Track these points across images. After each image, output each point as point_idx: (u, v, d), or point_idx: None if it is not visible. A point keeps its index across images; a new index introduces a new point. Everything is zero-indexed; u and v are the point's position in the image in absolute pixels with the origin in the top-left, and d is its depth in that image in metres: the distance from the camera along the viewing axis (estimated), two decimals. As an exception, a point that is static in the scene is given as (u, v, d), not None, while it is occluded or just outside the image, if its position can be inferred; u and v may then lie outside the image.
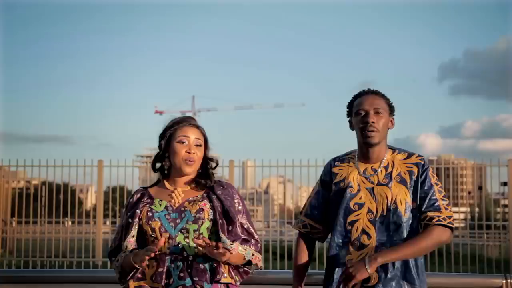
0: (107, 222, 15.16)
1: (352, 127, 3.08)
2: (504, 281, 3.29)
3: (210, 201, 2.91)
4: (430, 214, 2.89)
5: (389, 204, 2.91)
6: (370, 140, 2.96)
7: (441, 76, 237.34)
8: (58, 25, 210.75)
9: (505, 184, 13.23)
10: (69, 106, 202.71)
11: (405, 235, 2.89)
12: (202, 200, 2.91)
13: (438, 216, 2.87)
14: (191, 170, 2.94)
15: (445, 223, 2.86)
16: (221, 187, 2.96)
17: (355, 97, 3.08)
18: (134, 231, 2.89)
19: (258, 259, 2.93)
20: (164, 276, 2.79)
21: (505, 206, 14.30)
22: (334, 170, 3.08)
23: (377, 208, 2.93)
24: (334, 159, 3.13)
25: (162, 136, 2.99)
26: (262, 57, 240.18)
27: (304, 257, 3.13)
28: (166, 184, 2.99)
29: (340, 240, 2.96)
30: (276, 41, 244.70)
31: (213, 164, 3.03)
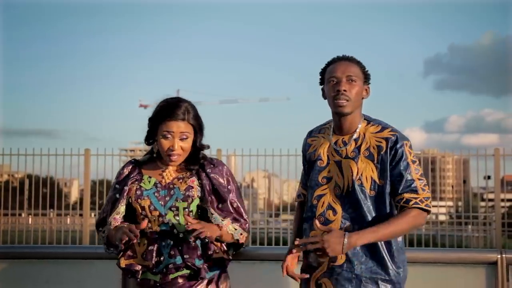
0: (92, 215, 15.08)
1: (324, 96, 2.88)
2: (499, 256, 3.33)
3: (199, 178, 2.89)
4: (406, 195, 2.70)
5: (354, 180, 2.74)
6: (341, 109, 2.77)
7: (427, 70, 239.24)
8: (51, 25, 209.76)
9: (488, 177, 13.36)
10: (57, 102, 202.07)
11: (371, 213, 2.74)
12: (190, 177, 2.89)
13: (415, 198, 2.70)
14: (175, 164, 2.91)
15: (423, 206, 2.70)
16: (212, 165, 2.92)
17: (328, 64, 2.88)
18: (121, 208, 2.88)
19: (244, 238, 2.94)
20: (154, 254, 2.80)
21: (490, 200, 14.43)
22: (309, 141, 2.96)
23: (343, 183, 2.77)
24: (312, 130, 2.99)
25: (151, 123, 2.90)
26: (247, 52, 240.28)
27: (298, 222, 3.01)
28: (158, 162, 2.95)
29: (304, 215, 2.86)
30: (260, 37, 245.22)
31: (204, 148, 2.95)
